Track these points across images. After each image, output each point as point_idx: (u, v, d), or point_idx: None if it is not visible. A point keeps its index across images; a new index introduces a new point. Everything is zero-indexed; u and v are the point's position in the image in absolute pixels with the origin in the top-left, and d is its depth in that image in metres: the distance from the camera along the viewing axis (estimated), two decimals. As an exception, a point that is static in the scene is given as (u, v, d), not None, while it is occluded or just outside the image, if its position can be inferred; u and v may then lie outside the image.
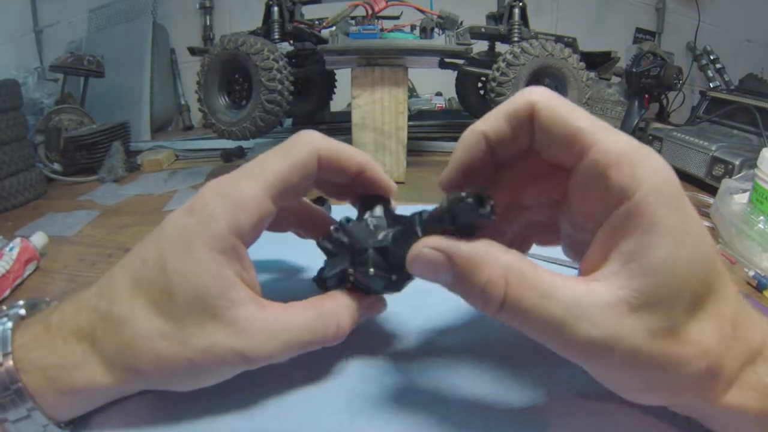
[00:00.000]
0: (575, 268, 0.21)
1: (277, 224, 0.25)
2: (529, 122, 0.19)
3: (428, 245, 0.18)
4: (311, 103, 0.96)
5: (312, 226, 0.28)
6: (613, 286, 0.16)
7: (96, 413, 0.22)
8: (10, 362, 0.19)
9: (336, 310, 0.22)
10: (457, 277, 0.18)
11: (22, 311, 0.22)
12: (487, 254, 0.17)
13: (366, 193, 0.25)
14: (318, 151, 0.22)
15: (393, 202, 0.25)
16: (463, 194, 0.17)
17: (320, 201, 0.29)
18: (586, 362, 0.17)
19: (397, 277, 0.22)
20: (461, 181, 0.21)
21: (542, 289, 0.16)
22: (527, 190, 0.23)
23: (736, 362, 0.17)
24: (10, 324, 0.20)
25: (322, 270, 0.26)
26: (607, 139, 0.17)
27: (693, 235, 0.16)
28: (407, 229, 0.20)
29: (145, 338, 0.19)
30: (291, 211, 0.26)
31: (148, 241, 0.21)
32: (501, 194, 0.22)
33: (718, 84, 1.17)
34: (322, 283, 0.26)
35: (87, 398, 0.21)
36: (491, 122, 0.20)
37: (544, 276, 0.17)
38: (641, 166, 0.16)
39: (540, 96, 0.19)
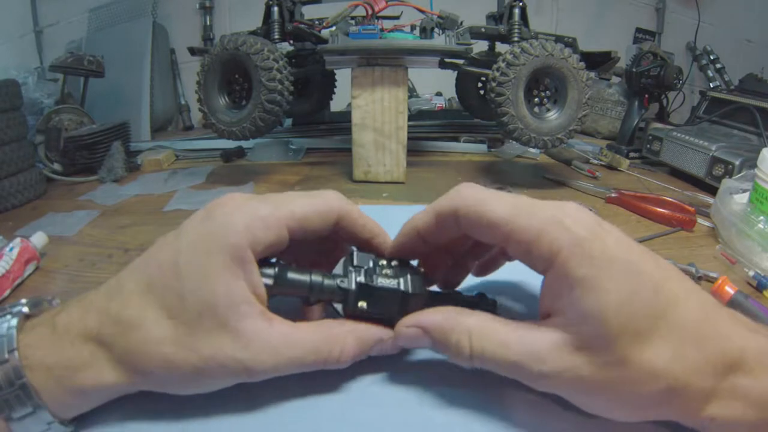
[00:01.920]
0: None
1: (286, 256, 0.25)
2: (454, 220, 0.22)
3: (406, 324, 0.22)
4: (311, 103, 0.96)
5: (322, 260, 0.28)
6: (559, 331, 0.19)
7: (96, 410, 0.22)
8: (16, 358, 0.19)
9: (343, 336, 0.22)
10: (434, 342, 0.22)
11: (26, 309, 0.22)
12: (454, 321, 0.21)
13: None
14: (339, 212, 0.24)
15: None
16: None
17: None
18: (550, 391, 0.20)
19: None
20: (406, 252, 0.25)
21: (500, 340, 0.20)
22: (472, 252, 0.27)
23: (706, 377, 0.18)
24: (14, 321, 0.20)
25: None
26: (522, 223, 0.20)
27: (618, 277, 0.18)
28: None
29: (155, 342, 0.20)
30: (301, 250, 0.26)
31: (163, 245, 0.21)
32: (443, 258, 0.27)
33: (718, 84, 1.17)
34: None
35: (93, 397, 0.21)
36: (422, 220, 0.24)
37: (502, 329, 0.20)
38: (556, 238, 0.19)
39: (462, 200, 0.22)
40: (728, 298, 0.36)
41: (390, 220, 0.29)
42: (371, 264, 0.24)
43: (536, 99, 0.72)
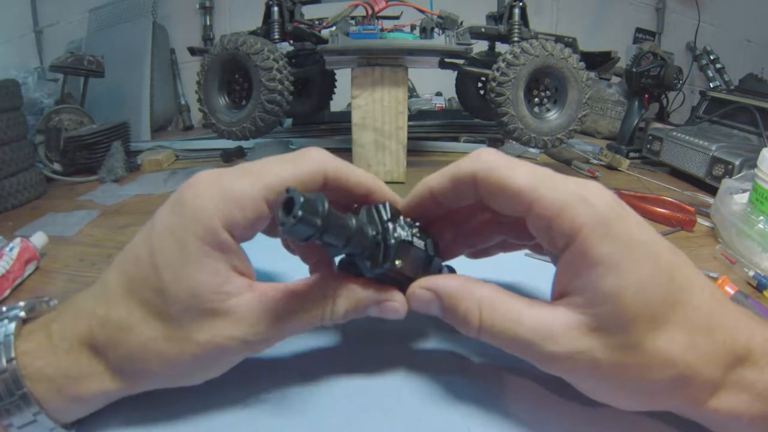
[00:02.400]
0: None
1: (273, 230, 0.24)
2: (472, 186, 0.21)
3: (420, 285, 0.22)
4: (311, 103, 0.96)
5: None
6: (574, 312, 0.18)
7: (98, 412, 0.22)
8: (15, 366, 0.19)
9: (333, 291, 0.21)
10: (443, 309, 0.21)
11: (22, 313, 0.21)
12: (465, 289, 0.20)
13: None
14: (325, 170, 0.22)
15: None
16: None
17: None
18: (558, 374, 0.20)
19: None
20: (415, 213, 0.24)
21: (512, 315, 0.19)
22: (476, 229, 0.26)
23: (715, 368, 0.18)
24: (12, 326, 0.20)
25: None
26: (546, 195, 0.19)
27: (638, 262, 0.18)
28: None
29: (148, 343, 0.19)
30: None
31: (139, 239, 0.21)
32: (445, 228, 0.26)
33: (718, 84, 1.17)
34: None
35: (94, 403, 0.21)
36: (437, 180, 0.22)
37: (514, 305, 0.20)
38: (579, 213, 0.18)
39: (483, 163, 0.20)
40: (728, 298, 0.36)
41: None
42: (402, 221, 0.22)
43: (536, 99, 0.72)
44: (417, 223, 0.23)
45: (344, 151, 0.81)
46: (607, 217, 0.18)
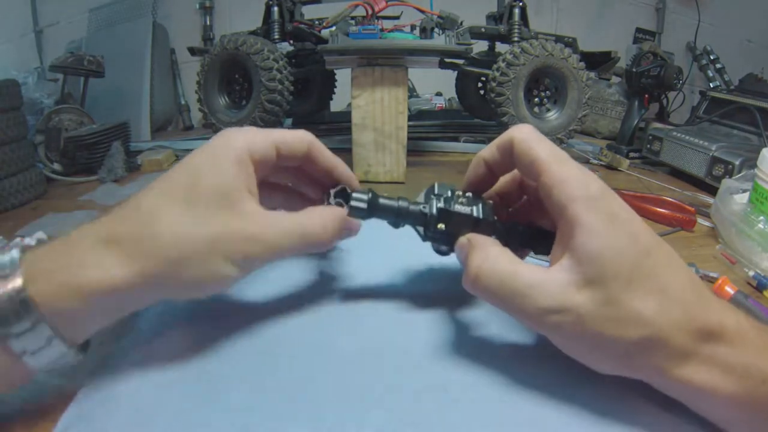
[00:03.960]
0: None
1: (279, 173, 0.31)
2: (510, 150, 0.25)
3: (466, 236, 0.26)
4: (311, 103, 0.96)
5: (307, 180, 0.33)
6: (565, 272, 0.21)
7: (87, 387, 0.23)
8: (18, 278, 0.19)
9: (324, 215, 0.27)
10: (462, 255, 0.25)
11: (33, 242, 0.23)
12: (483, 243, 0.25)
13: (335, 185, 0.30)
14: (309, 142, 0.28)
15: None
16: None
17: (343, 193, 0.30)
18: (544, 329, 0.22)
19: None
20: (476, 183, 0.29)
21: (512, 269, 0.22)
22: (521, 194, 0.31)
23: (686, 336, 0.20)
24: (16, 251, 0.21)
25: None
26: (554, 168, 0.23)
27: (618, 231, 0.21)
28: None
29: (170, 224, 0.22)
30: (288, 171, 0.31)
31: (171, 170, 0.24)
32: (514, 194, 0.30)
33: (718, 84, 1.17)
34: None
35: (97, 303, 0.21)
36: (488, 151, 0.28)
37: (515, 262, 0.23)
38: (575, 187, 0.22)
39: (519, 133, 0.25)
40: (728, 298, 0.36)
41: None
42: (449, 194, 0.28)
43: (536, 99, 0.72)
44: (468, 194, 0.28)
45: (344, 151, 0.81)
46: (596, 195, 0.22)
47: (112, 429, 0.21)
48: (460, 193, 0.28)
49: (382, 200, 0.28)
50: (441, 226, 0.27)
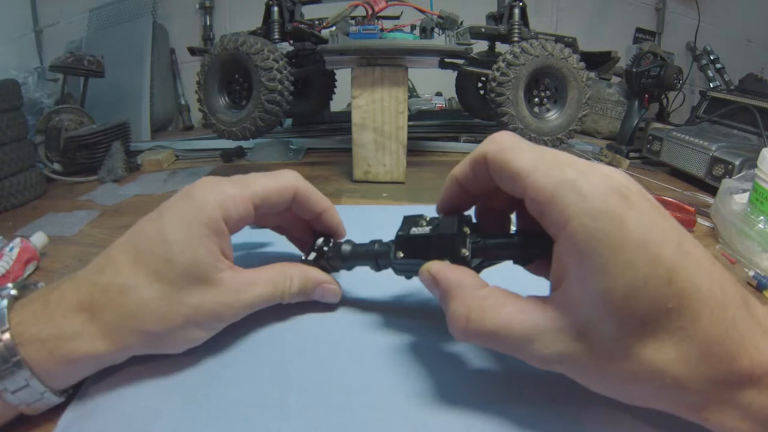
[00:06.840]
0: None
1: (261, 221, 0.31)
2: (485, 166, 0.22)
3: (428, 268, 0.23)
4: (311, 103, 0.96)
5: (290, 229, 0.33)
6: (563, 313, 0.18)
7: (88, 381, 0.24)
8: (8, 337, 0.20)
9: (291, 272, 0.28)
10: (440, 298, 0.22)
11: (14, 291, 0.23)
12: (459, 289, 0.21)
13: (321, 232, 0.31)
14: (296, 187, 0.28)
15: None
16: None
17: (326, 238, 0.31)
18: (549, 370, 0.20)
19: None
20: (450, 204, 0.26)
21: (502, 321, 0.19)
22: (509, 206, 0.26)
23: (706, 384, 0.17)
24: (4, 302, 0.22)
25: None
26: (538, 180, 0.19)
27: (631, 263, 0.16)
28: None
29: (148, 301, 0.23)
30: (273, 216, 0.31)
31: (146, 222, 0.25)
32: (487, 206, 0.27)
33: (718, 84, 1.17)
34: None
35: (82, 366, 0.23)
36: (460, 168, 0.24)
37: (506, 308, 0.19)
38: (568, 204, 0.17)
39: (493, 144, 0.21)
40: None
41: (390, 219, 0.29)
42: (417, 220, 0.26)
43: (536, 99, 0.72)
44: (439, 216, 0.26)
45: (344, 151, 0.81)
46: (597, 211, 0.17)
47: (111, 429, 0.22)
48: (427, 216, 0.26)
49: (357, 248, 0.29)
50: (399, 254, 0.26)
